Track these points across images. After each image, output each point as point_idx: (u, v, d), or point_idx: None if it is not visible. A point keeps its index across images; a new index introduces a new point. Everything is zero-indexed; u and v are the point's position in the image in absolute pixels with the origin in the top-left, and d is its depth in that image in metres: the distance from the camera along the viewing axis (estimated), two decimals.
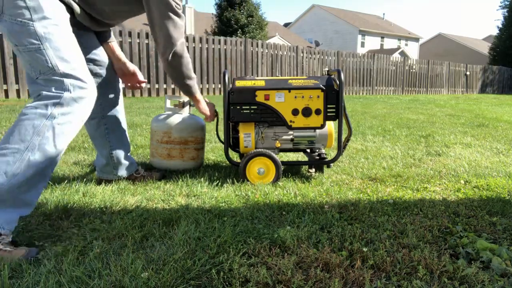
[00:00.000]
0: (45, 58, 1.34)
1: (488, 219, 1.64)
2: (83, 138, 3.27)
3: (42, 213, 1.60)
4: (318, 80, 2.17)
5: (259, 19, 18.64)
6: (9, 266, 1.17)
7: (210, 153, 2.87)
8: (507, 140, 3.80)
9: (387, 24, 42.29)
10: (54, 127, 1.32)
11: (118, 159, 2.01)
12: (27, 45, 1.33)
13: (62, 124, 1.34)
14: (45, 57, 1.34)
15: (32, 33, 1.32)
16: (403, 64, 14.79)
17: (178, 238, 1.36)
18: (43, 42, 1.33)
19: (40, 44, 1.33)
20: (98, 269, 1.14)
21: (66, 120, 1.35)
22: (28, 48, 1.33)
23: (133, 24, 8.71)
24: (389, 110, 7.03)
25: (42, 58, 1.33)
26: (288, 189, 1.99)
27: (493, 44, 26.11)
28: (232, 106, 2.13)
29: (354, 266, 1.22)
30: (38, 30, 1.33)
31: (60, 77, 1.35)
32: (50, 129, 1.31)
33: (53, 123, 1.32)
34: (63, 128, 1.35)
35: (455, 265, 1.22)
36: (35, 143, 1.29)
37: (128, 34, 8.06)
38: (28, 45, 1.33)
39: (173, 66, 1.84)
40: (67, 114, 1.35)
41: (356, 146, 3.35)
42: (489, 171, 2.49)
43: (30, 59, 1.35)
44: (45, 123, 1.31)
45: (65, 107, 1.34)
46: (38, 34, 1.33)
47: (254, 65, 10.45)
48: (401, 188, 2.10)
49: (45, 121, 1.31)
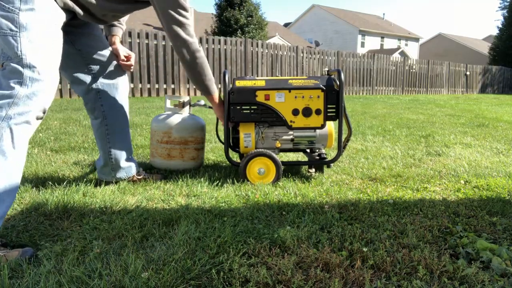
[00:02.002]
0: (17, 45, 1.33)
1: (488, 219, 1.64)
2: (83, 138, 3.27)
3: (42, 213, 1.60)
4: (318, 80, 2.17)
5: (259, 19, 18.63)
6: (9, 266, 1.17)
7: (210, 153, 2.87)
8: (507, 140, 3.80)
9: (387, 24, 42.28)
10: (12, 128, 1.30)
11: (116, 161, 2.00)
12: (5, 29, 1.33)
13: (19, 124, 1.32)
14: (17, 44, 1.33)
15: (14, 20, 1.34)
16: (403, 64, 14.79)
17: (178, 238, 1.36)
18: (21, 31, 1.34)
19: (18, 32, 1.34)
20: (98, 269, 1.14)
21: (23, 120, 1.33)
22: (4, 32, 1.33)
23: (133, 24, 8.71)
24: (389, 110, 7.03)
25: (14, 44, 1.33)
26: (288, 189, 1.99)
27: (493, 44, 26.12)
28: (232, 106, 2.13)
29: (354, 266, 1.22)
30: (21, 19, 1.34)
31: (22, 68, 1.33)
32: (7, 130, 1.29)
33: (9, 124, 1.30)
34: (20, 128, 1.33)
35: (455, 265, 1.22)
36: None
37: (128, 34, 8.06)
38: (6, 30, 1.33)
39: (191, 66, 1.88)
40: (23, 114, 1.32)
41: (356, 146, 3.35)
42: (489, 171, 2.49)
43: (3, 44, 1.35)
44: (1, 125, 1.29)
45: (20, 106, 1.32)
46: (19, 23, 1.34)
47: (254, 65, 10.44)
48: (401, 188, 2.10)
49: (1, 123, 1.29)
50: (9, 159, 1.29)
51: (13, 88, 1.31)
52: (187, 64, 1.88)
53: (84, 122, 4.11)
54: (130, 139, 2.07)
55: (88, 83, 1.88)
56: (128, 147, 2.05)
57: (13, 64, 1.33)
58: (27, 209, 1.65)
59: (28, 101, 1.34)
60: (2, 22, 1.33)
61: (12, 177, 1.31)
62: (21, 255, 1.23)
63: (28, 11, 1.36)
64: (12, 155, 1.30)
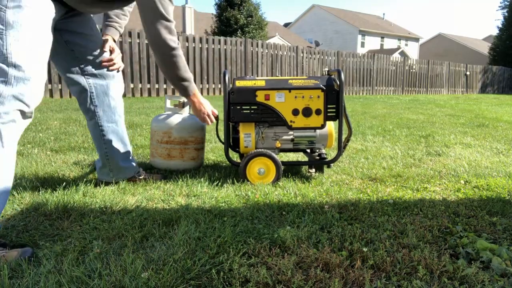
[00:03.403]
0: (2, 43, 1.31)
1: (488, 219, 1.64)
2: (83, 138, 3.27)
3: (42, 213, 1.60)
4: (318, 80, 2.17)
5: (259, 19, 18.63)
6: (9, 266, 1.17)
7: (210, 153, 2.87)
8: (507, 140, 3.80)
9: (387, 24, 42.28)
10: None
11: (114, 162, 1.99)
12: None
13: (6, 123, 1.31)
14: (3, 42, 1.31)
15: (0, 18, 1.31)
16: (403, 64, 14.79)
17: (178, 238, 1.36)
18: (8, 29, 1.32)
19: (4, 30, 1.31)
20: (98, 269, 1.14)
21: (10, 119, 1.32)
22: None
23: (133, 24, 8.70)
24: (389, 110, 7.03)
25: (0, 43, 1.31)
26: (288, 189, 1.99)
27: (493, 44, 26.12)
28: (232, 106, 2.13)
29: (354, 266, 1.22)
30: (7, 17, 1.32)
31: (7, 67, 1.31)
32: None
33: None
34: (7, 127, 1.32)
35: (455, 265, 1.22)
36: None
37: (128, 34, 8.06)
38: None
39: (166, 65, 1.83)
40: (9, 112, 1.31)
41: (356, 146, 3.35)
42: (489, 171, 2.49)
43: None
44: None
45: (6, 105, 1.30)
46: (5, 21, 1.32)
47: (254, 65, 10.45)
48: (401, 188, 2.10)
49: None
50: None
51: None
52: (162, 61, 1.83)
53: (84, 122, 4.12)
54: (127, 140, 2.04)
55: (81, 84, 1.85)
56: (126, 148, 2.03)
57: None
58: (27, 209, 1.65)
59: (14, 100, 1.32)
60: None
61: (3, 176, 1.30)
62: (20, 255, 1.23)
63: (15, 8, 1.33)
64: (1, 153, 1.29)
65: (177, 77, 1.90)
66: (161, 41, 1.75)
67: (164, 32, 1.73)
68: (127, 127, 2.62)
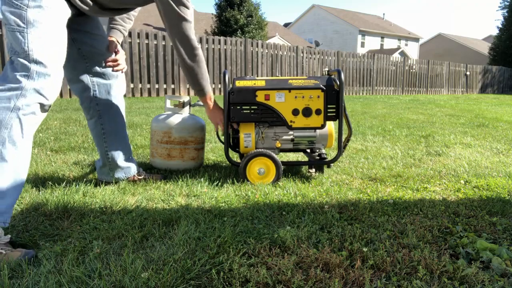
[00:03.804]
0: (24, 40, 1.38)
1: (488, 219, 1.64)
2: (83, 138, 3.27)
3: (42, 213, 1.60)
4: (318, 80, 2.17)
5: (259, 19, 18.65)
6: (9, 266, 1.17)
7: (210, 153, 2.87)
8: (507, 140, 3.80)
9: (387, 24, 42.28)
10: (20, 118, 1.36)
11: (114, 161, 2.00)
12: (13, 25, 1.38)
13: (26, 114, 1.37)
14: (25, 40, 1.38)
15: (22, 16, 1.38)
16: (403, 64, 14.79)
17: (178, 238, 1.36)
18: (29, 28, 1.38)
19: (25, 28, 1.38)
20: (98, 269, 1.14)
21: (31, 111, 1.38)
22: (13, 28, 1.38)
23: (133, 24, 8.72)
24: (389, 110, 7.03)
25: (22, 40, 1.38)
26: (288, 189, 1.99)
27: (493, 44, 26.11)
28: (232, 106, 2.13)
29: (354, 266, 1.22)
30: (28, 15, 1.38)
31: (29, 63, 1.38)
32: (16, 120, 1.35)
33: (18, 114, 1.35)
34: (28, 119, 1.38)
35: (455, 265, 1.22)
36: (4, 136, 1.32)
37: (128, 34, 8.05)
38: (14, 25, 1.38)
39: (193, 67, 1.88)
40: (30, 105, 1.38)
41: (356, 146, 3.35)
42: (489, 171, 2.49)
43: (11, 39, 1.40)
44: (10, 116, 1.34)
45: (28, 98, 1.37)
46: (27, 19, 1.38)
47: (254, 65, 10.45)
48: (401, 188, 2.10)
49: (10, 114, 1.34)
50: (19, 148, 1.35)
51: (20, 81, 1.36)
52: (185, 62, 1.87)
53: (84, 122, 4.12)
54: (127, 139, 2.06)
55: (85, 82, 1.89)
56: (126, 147, 2.05)
57: (20, 59, 1.38)
58: (27, 209, 1.65)
59: (35, 94, 1.39)
60: (11, 18, 1.38)
61: (21, 166, 1.37)
62: (23, 256, 1.23)
63: (36, 8, 1.40)
64: (22, 144, 1.36)
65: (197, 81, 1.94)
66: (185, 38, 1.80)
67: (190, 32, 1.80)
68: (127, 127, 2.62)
